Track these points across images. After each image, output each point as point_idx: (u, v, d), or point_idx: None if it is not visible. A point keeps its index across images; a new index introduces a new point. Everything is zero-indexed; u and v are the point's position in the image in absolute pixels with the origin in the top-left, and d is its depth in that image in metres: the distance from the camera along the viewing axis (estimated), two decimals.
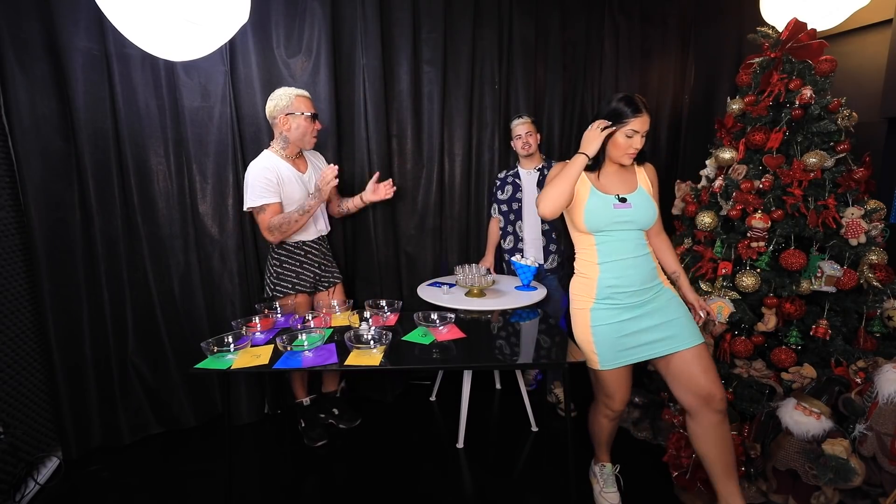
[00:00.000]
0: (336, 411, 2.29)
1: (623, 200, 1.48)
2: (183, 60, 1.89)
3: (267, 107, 1.93)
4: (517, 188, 2.38)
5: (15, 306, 1.81)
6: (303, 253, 2.03)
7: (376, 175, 2.17)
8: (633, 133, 1.44)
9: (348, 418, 2.30)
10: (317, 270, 2.09)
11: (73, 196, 1.95)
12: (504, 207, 2.44)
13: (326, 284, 2.14)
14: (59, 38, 1.83)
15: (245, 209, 1.95)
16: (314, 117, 1.96)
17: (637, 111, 1.42)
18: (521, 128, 2.34)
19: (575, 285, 1.58)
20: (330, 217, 2.24)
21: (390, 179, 2.23)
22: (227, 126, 2.10)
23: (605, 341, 1.49)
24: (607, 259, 1.49)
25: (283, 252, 2.01)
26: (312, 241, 2.06)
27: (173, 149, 2.10)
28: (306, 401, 2.20)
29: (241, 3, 1.59)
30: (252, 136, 2.18)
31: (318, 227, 2.09)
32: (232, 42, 2.03)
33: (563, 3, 2.65)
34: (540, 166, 2.38)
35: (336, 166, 1.87)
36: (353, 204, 2.20)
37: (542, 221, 2.35)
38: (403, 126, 2.45)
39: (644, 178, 1.55)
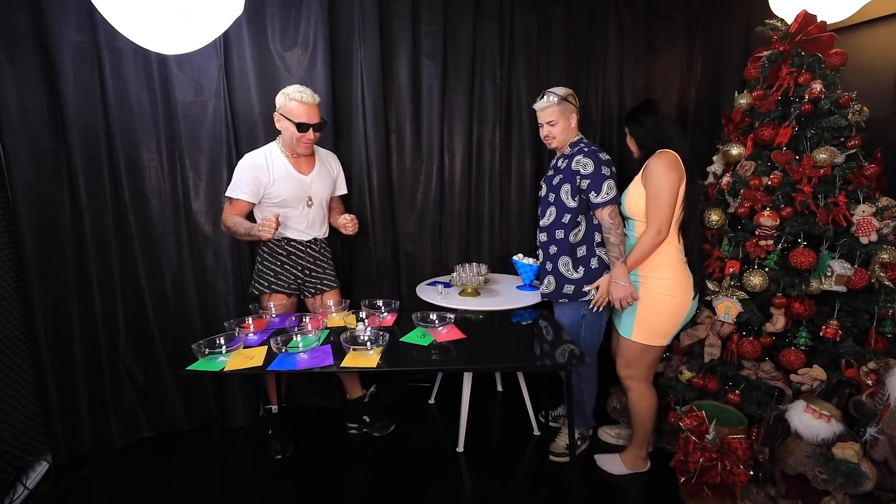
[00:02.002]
0: (367, 419, 2.21)
1: None
2: (176, 54, 1.84)
3: None
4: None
5: (3, 307, 1.78)
6: (286, 253, 1.95)
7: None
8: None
9: (382, 425, 2.21)
10: (299, 273, 1.99)
11: (62, 194, 1.91)
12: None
13: (312, 291, 2.04)
14: (48, 31, 1.79)
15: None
16: (301, 127, 1.79)
17: None
18: (540, 116, 1.85)
19: None
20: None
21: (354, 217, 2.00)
22: (221, 121, 2.07)
23: None
24: None
25: (267, 249, 1.96)
26: (300, 242, 1.97)
27: (166, 145, 2.06)
28: (275, 408, 2.14)
29: None
30: (247, 132, 2.14)
31: (312, 230, 1.99)
32: (226, 35, 1.98)
33: None
34: (567, 153, 1.84)
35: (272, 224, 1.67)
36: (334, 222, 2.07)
37: None
38: (402, 122, 2.41)
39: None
